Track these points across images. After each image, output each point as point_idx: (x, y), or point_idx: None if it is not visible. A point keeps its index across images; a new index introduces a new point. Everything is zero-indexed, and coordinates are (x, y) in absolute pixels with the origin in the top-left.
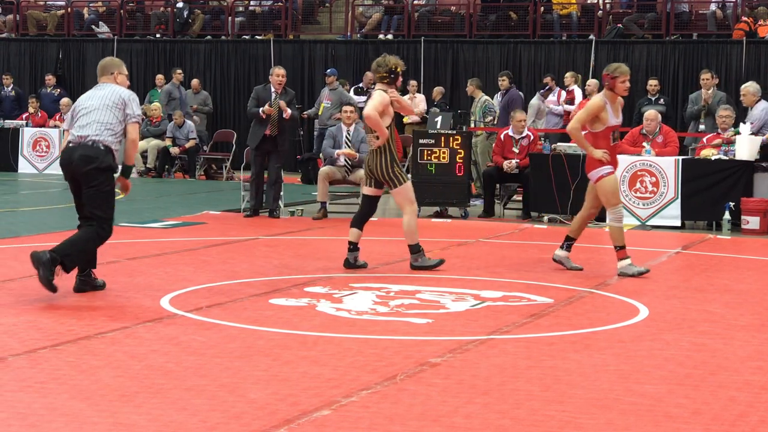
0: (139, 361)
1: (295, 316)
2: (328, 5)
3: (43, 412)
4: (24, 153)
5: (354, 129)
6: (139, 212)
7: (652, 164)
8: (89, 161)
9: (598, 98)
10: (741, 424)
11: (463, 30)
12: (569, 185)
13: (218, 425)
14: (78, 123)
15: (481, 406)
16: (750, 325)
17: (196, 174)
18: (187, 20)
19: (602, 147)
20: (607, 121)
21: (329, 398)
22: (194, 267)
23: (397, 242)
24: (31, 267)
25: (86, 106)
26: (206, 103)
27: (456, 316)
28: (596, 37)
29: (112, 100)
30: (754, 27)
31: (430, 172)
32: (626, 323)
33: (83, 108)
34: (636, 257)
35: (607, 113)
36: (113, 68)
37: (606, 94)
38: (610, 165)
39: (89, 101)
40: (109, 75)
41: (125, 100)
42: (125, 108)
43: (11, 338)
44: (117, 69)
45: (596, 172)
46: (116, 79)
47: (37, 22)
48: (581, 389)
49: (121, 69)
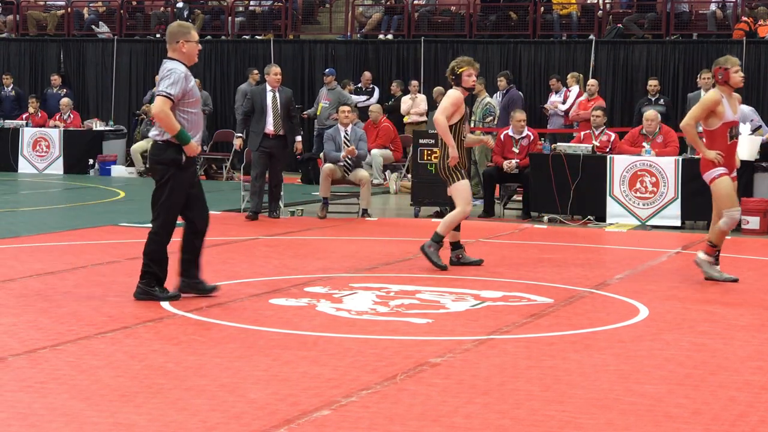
0: (139, 361)
1: (295, 316)
2: (328, 5)
3: (43, 412)
4: (24, 153)
5: (351, 129)
6: (139, 212)
7: (652, 164)
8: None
9: (713, 92)
10: (741, 424)
11: (463, 30)
12: (569, 185)
13: (218, 425)
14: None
15: (481, 406)
16: (750, 325)
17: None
18: (187, 20)
19: (719, 145)
20: (723, 116)
21: (329, 398)
22: None
23: (397, 242)
24: (32, 267)
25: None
26: (206, 103)
27: (456, 316)
28: (596, 37)
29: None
30: (754, 27)
31: (430, 172)
32: (626, 323)
33: None
34: (636, 257)
35: (723, 107)
36: (178, 36)
37: (721, 89)
38: (723, 167)
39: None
40: (174, 44)
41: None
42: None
43: (11, 338)
44: (183, 37)
45: (709, 174)
46: (182, 49)
47: (37, 22)
48: (581, 389)
49: (188, 36)
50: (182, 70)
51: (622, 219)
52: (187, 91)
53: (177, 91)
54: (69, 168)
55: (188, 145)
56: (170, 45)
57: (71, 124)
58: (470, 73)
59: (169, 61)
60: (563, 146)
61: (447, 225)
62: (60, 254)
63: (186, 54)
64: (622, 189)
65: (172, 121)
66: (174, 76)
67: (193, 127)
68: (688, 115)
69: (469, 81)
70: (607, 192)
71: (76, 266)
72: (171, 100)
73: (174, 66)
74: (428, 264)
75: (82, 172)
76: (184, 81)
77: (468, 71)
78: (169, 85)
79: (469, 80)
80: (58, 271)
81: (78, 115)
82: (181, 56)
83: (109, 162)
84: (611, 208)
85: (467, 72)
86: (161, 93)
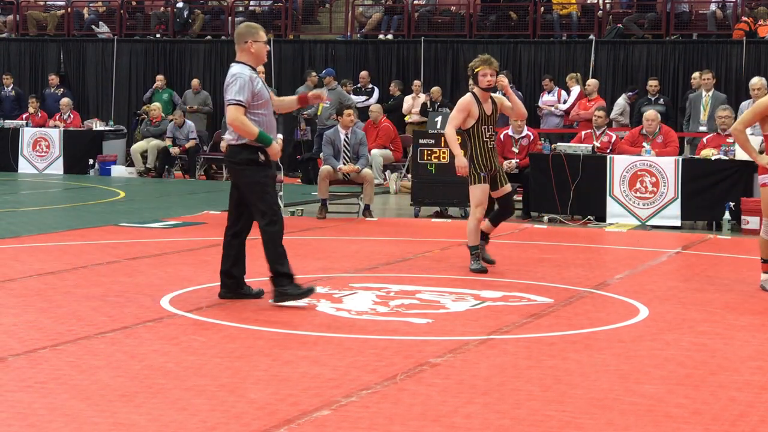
0: (139, 361)
1: (295, 316)
2: (328, 5)
3: (43, 412)
4: (24, 153)
5: (352, 132)
6: (139, 212)
7: (652, 164)
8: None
9: (766, 98)
10: (741, 424)
11: (463, 30)
12: (569, 185)
13: (218, 425)
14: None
15: (481, 406)
16: (750, 325)
17: (196, 174)
18: (187, 20)
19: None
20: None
21: (329, 398)
22: (194, 267)
23: (397, 242)
24: (32, 267)
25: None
26: (206, 103)
27: (456, 316)
28: (596, 37)
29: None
30: (754, 27)
31: (430, 172)
32: (626, 323)
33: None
34: (636, 257)
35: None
36: (246, 37)
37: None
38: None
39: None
40: (242, 45)
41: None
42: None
43: (11, 338)
44: (251, 37)
45: (762, 179)
46: (251, 49)
47: (37, 22)
48: (581, 389)
49: (256, 36)
50: (247, 74)
51: (622, 219)
52: (255, 94)
53: (246, 96)
54: (69, 168)
55: (270, 146)
56: (238, 45)
57: (71, 124)
58: (485, 72)
59: (234, 65)
60: (563, 146)
61: (470, 234)
62: (60, 254)
63: (254, 55)
64: (622, 189)
65: (248, 126)
66: (239, 82)
67: (267, 129)
68: (738, 120)
69: (484, 81)
70: (607, 192)
71: (76, 266)
72: (243, 107)
73: (237, 71)
74: (428, 264)
75: (82, 172)
76: (250, 84)
77: (483, 71)
78: (236, 91)
79: (484, 80)
80: (58, 271)
81: (78, 115)
82: (249, 57)
83: (109, 162)
84: (611, 208)
85: (482, 72)
86: (231, 102)
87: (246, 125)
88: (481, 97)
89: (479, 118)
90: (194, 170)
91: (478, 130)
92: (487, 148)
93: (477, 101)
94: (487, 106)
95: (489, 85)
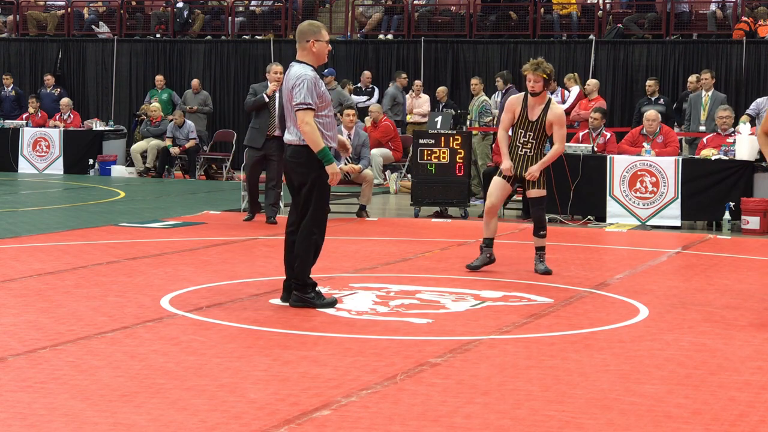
0: (139, 361)
1: (295, 316)
2: (328, 5)
3: (43, 412)
4: (24, 153)
5: (354, 133)
6: (139, 212)
7: (652, 164)
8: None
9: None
10: (741, 424)
11: (463, 30)
12: (569, 185)
13: (218, 425)
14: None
15: (481, 406)
16: (750, 325)
17: (196, 174)
18: (187, 20)
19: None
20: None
21: (329, 398)
22: (194, 267)
23: (397, 242)
24: (32, 267)
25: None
26: (206, 103)
27: (456, 316)
28: (596, 37)
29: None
30: (754, 27)
31: (430, 172)
32: (626, 323)
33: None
34: (636, 257)
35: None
36: (308, 36)
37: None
38: None
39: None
40: (304, 44)
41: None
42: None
43: (11, 338)
44: (313, 36)
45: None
46: (312, 48)
47: (37, 22)
48: (581, 389)
49: (318, 35)
50: (311, 75)
51: (622, 219)
52: (320, 95)
53: (314, 98)
54: (69, 168)
55: (330, 165)
56: (300, 44)
57: (71, 124)
58: (529, 78)
59: (296, 66)
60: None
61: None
62: (60, 254)
63: (316, 54)
64: (622, 189)
65: (317, 136)
66: (306, 84)
67: (329, 131)
68: (762, 123)
69: (528, 85)
70: (607, 192)
71: (76, 266)
72: (312, 110)
73: (301, 72)
74: (429, 264)
75: (82, 172)
76: (316, 85)
77: (528, 75)
78: (304, 95)
79: (528, 85)
80: (58, 271)
81: (78, 115)
82: (311, 56)
83: (109, 162)
84: (611, 208)
85: (528, 77)
86: (302, 106)
87: (314, 134)
88: (531, 99)
89: (518, 119)
90: (194, 170)
91: (514, 132)
92: (517, 153)
93: (525, 103)
94: (533, 111)
95: (532, 90)
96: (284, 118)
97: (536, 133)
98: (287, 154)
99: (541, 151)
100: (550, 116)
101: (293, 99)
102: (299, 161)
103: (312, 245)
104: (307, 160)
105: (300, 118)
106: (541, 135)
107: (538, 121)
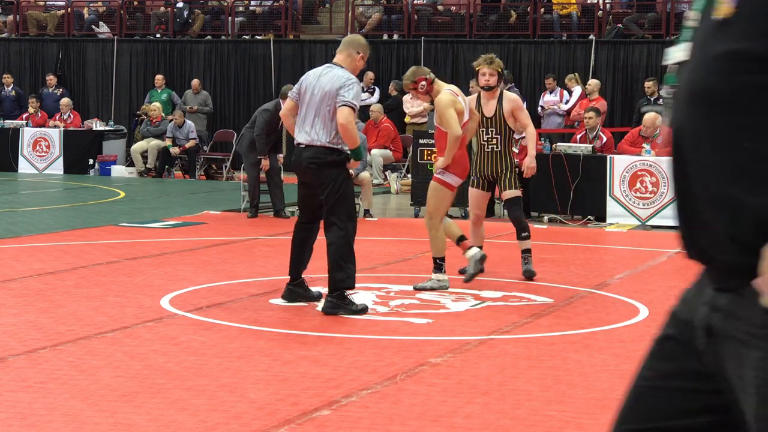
0: (139, 361)
1: (295, 316)
2: (328, 5)
3: (43, 412)
4: (24, 153)
5: None
6: (139, 212)
7: (652, 164)
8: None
9: None
10: None
11: (463, 30)
12: (569, 185)
13: (218, 425)
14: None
15: (481, 406)
16: None
17: (196, 174)
18: (187, 20)
19: None
20: None
21: (329, 398)
22: (194, 267)
23: (397, 242)
24: (32, 267)
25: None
26: (206, 103)
27: (456, 316)
28: (596, 37)
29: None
30: None
31: (431, 172)
32: (626, 323)
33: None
34: (636, 257)
35: None
36: (361, 50)
37: None
38: None
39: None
40: (354, 54)
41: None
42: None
43: (11, 338)
44: (364, 52)
45: None
46: (357, 62)
47: (37, 22)
48: (581, 389)
49: (366, 53)
50: (359, 83)
51: (622, 219)
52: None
53: (358, 102)
54: (69, 168)
55: (360, 160)
56: (347, 51)
57: (71, 124)
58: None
59: (338, 69)
60: (563, 146)
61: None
62: (60, 254)
63: (356, 68)
64: (622, 189)
65: (356, 135)
66: (357, 88)
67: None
68: None
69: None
70: (607, 192)
71: (76, 266)
72: (354, 111)
73: (351, 76)
74: (429, 264)
75: (82, 172)
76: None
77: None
78: (354, 95)
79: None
80: (58, 271)
81: (78, 115)
82: (351, 66)
83: (109, 162)
84: (611, 208)
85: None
86: (349, 103)
87: (354, 132)
88: (483, 96)
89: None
90: (194, 170)
91: (477, 133)
92: (484, 152)
93: (478, 102)
94: (488, 107)
95: (486, 84)
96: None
97: (498, 128)
98: (306, 155)
99: (508, 145)
100: (506, 105)
101: (340, 95)
102: (323, 161)
103: (347, 245)
104: (332, 160)
105: (345, 115)
106: (503, 129)
107: (495, 116)
